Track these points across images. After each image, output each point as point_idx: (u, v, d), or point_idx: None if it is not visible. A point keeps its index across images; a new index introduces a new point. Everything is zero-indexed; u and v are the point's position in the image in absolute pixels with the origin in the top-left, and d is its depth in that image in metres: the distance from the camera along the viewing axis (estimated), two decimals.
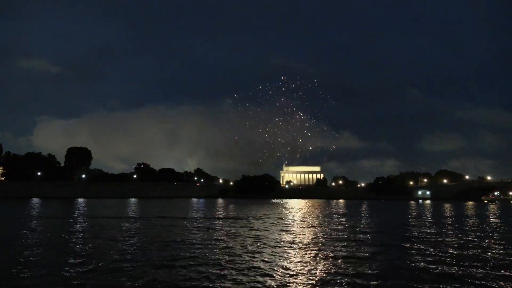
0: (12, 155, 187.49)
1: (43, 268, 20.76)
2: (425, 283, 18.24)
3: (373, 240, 33.24)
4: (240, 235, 35.70)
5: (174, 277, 19.04)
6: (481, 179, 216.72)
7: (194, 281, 18.29)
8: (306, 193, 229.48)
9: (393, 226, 48.34)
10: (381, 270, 20.87)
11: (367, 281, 18.56)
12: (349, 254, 25.69)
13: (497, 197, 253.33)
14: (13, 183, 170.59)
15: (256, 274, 19.87)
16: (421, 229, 43.17)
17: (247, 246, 28.88)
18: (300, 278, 19.02)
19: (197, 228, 42.47)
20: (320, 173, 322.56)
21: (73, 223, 47.51)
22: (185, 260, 23.07)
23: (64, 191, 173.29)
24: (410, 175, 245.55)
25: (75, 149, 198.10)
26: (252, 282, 18.24)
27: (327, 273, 20.19)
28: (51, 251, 26.32)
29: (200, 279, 18.69)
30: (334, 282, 18.24)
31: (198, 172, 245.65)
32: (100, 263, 21.94)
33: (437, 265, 22.31)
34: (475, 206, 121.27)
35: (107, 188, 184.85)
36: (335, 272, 20.27)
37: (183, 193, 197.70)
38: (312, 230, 41.32)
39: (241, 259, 23.81)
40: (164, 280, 18.51)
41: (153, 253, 25.48)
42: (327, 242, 31.56)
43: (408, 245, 30.52)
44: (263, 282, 18.25)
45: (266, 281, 18.48)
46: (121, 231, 38.16)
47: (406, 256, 25.23)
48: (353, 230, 41.75)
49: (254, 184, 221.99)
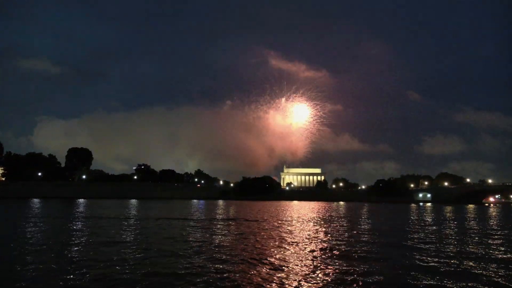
0: (13, 155, 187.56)
1: (42, 268, 20.51)
2: (429, 283, 18.01)
3: (381, 242, 32.93)
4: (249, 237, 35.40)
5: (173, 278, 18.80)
6: (482, 182, 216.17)
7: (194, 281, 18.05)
8: (306, 195, 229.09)
9: (400, 230, 47.97)
10: (384, 271, 20.60)
11: (368, 281, 18.33)
12: (353, 256, 25.41)
13: (498, 200, 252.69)
14: (13, 183, 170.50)
15: (260, 272, 19.63)
16: (426, 232, 42.80)
17: (261, 247, 28.61)
18: (301, 278, 18.78)
19: (194, 228, 42.19)
20: (321, 175, 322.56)
21: (72, 223, 47.24)
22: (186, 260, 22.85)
23: (64, 191, 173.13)
24: (411, 178, 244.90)
25: (75, 150, 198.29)
26: (253, 281, 18.01)
27: (336, 273, 19.91)
28: (49, 252, 26.05)
29: (200, 279, 18.46)
30: (340, 283, 17.99)
31: (198, 174, 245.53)
32: (99, 263, 21.69)
33: (443, 267, 22.04)
34: (476, 209, 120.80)
35: (107, 188, 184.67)
36: (343, 273, 20.01)
37: (183, 195, 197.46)
38: (322, 232, 41.02)
39: (251, 258, 23.57)
40: (163, 280, 18.27)
41: (152, 254, 25.24)
42: (339, 244, 31.28)
43: (416, 247, 30.19)
44: (265, 281, 18.01)
45: (267, 280, 18.24)
46: (119, 231, 37.91)
47: (415, 258, 24.93)
48: (359, 232, 41.42)
49: (255, 185, 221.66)
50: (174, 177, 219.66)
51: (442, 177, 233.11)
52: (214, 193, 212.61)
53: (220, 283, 17.82)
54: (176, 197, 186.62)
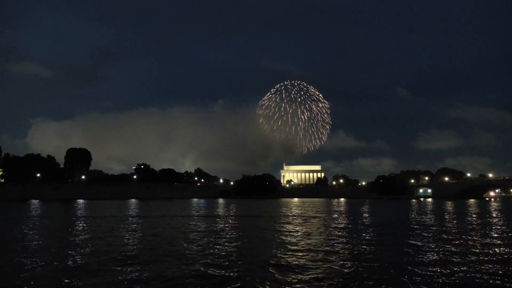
0: (11, 157, 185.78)
1: (40, 269, 20.09)
2: (431, 280, 17.42)
3: (389, 240, 32.25)
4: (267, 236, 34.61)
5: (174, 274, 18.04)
6: (483, 176, 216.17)
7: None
8: (307, 192, 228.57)
9: (406, 225, 47.32)
10: (386, 270, 19.91)
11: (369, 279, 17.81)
12: (357, 253, 24.74)
13: (498, 194, 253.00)
14: (12, 185, 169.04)
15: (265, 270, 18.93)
16: (434, 227, 42.18)
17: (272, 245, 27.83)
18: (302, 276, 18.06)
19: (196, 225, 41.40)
20: (321, 172, 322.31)
21: (71, 223, 46.33)
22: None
23: (63, 192, 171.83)
24: (411, 174, 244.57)
25: (74, 150, 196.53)
26: (256, 277, 17.43)
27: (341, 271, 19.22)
28: (47, 252, 25.44)
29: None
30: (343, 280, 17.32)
31: (198, 173, 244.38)
32: (97, 264, 21.16)
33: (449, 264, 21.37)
34: (477, 203, 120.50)
35: (106, 189, 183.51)
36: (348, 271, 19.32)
37: (183, 194, 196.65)
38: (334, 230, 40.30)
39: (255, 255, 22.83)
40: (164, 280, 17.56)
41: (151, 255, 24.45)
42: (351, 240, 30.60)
43: (421, 243, 29.51)
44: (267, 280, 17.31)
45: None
46: (117, 231, 37.09)
47: (420, 253, 24.28)
48: (364, 229, 40.75)
49: (255, 184, 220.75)
50: (174, 176, 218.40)
51: (442, 172, 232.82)
52: (214, 192, 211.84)
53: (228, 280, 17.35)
54: (176, 196, 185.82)
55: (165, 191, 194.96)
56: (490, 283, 17.76)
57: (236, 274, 19.32)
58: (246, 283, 17.73)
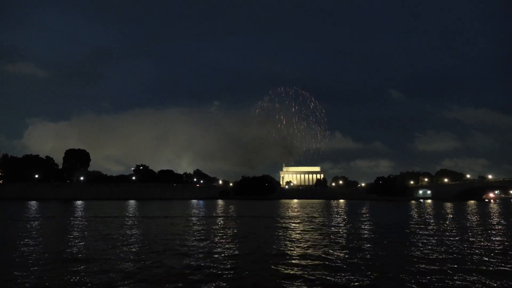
0: (10, 157, 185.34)
1: (39, 269, 19.86)
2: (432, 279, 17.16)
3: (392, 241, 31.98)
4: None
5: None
6: (483, 178, 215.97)
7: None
8: (306, 194, 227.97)
9: (408, 228, 47.06)
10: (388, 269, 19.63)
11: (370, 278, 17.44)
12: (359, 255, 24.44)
13: (497, 195, 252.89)
14: (11, 185, 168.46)
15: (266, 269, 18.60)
16: (436, 229, 41.92)
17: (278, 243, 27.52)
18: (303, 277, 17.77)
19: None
20: (320, 173, 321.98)
21: (71, 224, 45.97)
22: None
23: (62, 192, 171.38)
24: (410, 175, 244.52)
25: (73, 151, 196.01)
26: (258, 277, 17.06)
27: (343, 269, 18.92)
28: (46, 252, 25.08)
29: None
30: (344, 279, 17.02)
31: (197, 173, 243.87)
32: (97, 264, 20.85)
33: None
34: (477, 205, 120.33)
35: (105, 189, 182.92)
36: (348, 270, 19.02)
37: (183, 195, 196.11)
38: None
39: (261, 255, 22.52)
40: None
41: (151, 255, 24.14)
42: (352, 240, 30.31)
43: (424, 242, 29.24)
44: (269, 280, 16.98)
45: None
46: (117, 232, 36.75)
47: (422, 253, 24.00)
48: (367, 231, 40.45)
49: (254, 185, 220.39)
50: (173, 177, 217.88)
51: (441, 173, 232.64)
52: (213, 193, 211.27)
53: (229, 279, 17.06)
54: (176, 197, 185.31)
55: (164, 191, 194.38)
56: (490, 283, 17.53)
57: (237, 274, 19.07)
58: (246, 283, 17.45)
